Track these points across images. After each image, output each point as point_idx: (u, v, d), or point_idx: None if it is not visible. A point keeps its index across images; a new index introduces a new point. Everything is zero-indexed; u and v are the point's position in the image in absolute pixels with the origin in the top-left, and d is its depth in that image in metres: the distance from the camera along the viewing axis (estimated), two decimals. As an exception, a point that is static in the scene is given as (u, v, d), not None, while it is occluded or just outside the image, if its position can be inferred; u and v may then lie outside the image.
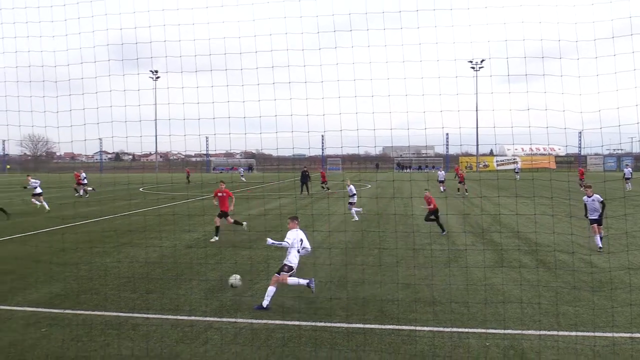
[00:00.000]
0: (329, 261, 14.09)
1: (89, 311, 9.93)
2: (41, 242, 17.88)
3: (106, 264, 14.05)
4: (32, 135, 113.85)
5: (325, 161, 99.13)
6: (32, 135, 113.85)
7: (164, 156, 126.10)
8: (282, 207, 29.26)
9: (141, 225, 20.73)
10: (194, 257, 14.88)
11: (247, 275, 12.61)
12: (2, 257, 15.19)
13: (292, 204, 30.67)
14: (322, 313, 9.69)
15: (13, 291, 11.41)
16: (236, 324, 9.16)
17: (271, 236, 11.44)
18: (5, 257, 15.21)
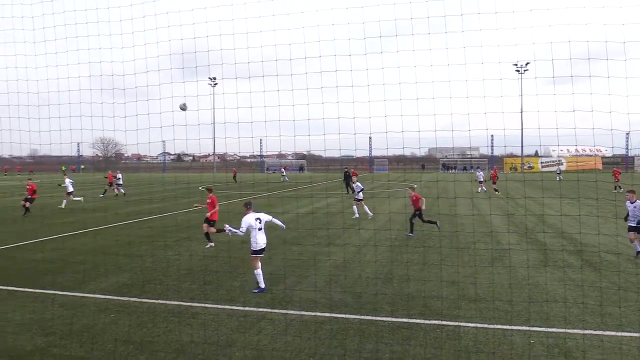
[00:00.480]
0: (375, 258, 14.03)
1: (152, 300, 10.26)
2: (110, 235, 18.60)
3: (168, 257, 14.47)
4: (103, 138, 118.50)
5: (373, 162, 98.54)
6: (103, 138, 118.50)
7: (221, 157, 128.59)
8: (330, 206, 29.33)
9: (199, 222, 21.22)
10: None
11: (297, 270, 12.72)
12: (77, 249, 15.90)
13: (339, 202, 30.67)
14: (369, 307, 9.66)
15: (86, 280, 11.92)
16: (287, 315, 9.25)
17: (318, 234, 11.48)
18: (79, 249, 15.92)
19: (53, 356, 7.52)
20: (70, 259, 14.29)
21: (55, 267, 13.33)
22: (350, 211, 24.58)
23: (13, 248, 16.23)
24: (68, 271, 12.85)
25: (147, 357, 7.44)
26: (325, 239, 17.20)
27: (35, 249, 15.92)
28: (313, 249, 15.30)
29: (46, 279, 12.07)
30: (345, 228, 19.34)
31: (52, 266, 13.41)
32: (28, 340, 8.14)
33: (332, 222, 21.41)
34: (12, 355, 7.54)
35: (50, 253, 15.21)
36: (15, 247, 16.34)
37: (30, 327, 8.74)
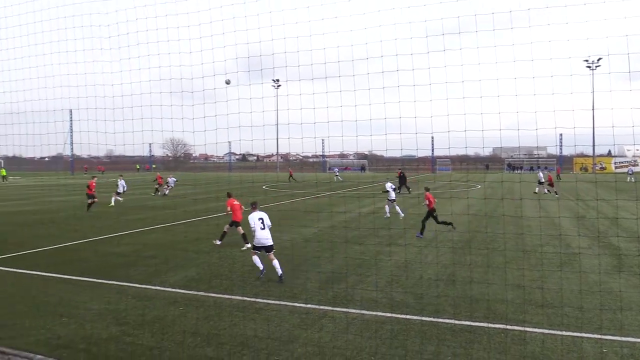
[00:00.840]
0: (437, 259, 13.77)
1: (219, 294, 10.56)
2: (179, 232, 19.32)
3: (233, 254, 14.84)
4: (173, 139, 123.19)
5: (435, 162, 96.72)
6: (173, 139, 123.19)
7: (284, 157, 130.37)
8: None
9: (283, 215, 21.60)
10: (310, 250, 15.25)
11: (358, 269, 12.69)
12: (149, 244, 16.62)
13: (400, 203, 30.33)
14: (431, 309, 9.49)
15: (156, 274, 12.45)
16: (348, 314, 9.26)
17: (380, 233, 11.40)
18: (151, 244, 16.64)
19: (126, 344, 7.90)
20: (143, 254, 14.97)
21: (129, 260, 14.01)
22: (408, 211, 24.27)
23: (93, 242, 17.21)
24: (140, 265, 13.46)
25: (214, 349, 7.66)
26: (386, 238, 17.06)
27: (112, 243, 16.79)
28: (374, 249, 15.22)
29: (121, 271, 12.71)
30: (407, 228, 19.10)
31: (126, 260, 14.11)
32: (104, 328, 8.60)
33: (394, 222, 21.21)
34: (89, 342, 7.99)
35: (124, 247, 15.99)
36: (95, 241, 17.31)
37: (106, 316, 9.22)
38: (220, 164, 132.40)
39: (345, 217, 22.94)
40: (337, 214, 23.92)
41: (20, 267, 13.32)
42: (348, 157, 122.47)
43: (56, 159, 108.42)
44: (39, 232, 19.63)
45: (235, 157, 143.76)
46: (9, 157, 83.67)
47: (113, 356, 7.47)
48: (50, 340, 8.09)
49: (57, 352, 7.55)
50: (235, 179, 63.37)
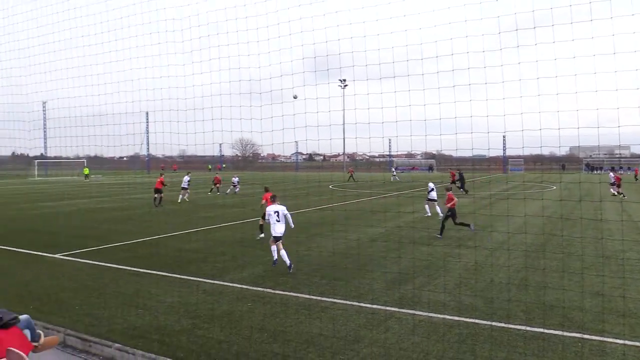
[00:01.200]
0: (509, 263, 13.28)
1: (285, 292, 10.72)
2: (248, 229, 19.79)
3: (300, 252, 15.01)
4: (242, 139, 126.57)
5: (507, 162, 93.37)
6: (242, 139, 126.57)
7: (351, 157, 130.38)
8: (460, 206, 28.32)
9: (330, 219, 21.74)
10: (377, 250, 15.16)
11: (425, 271, 12.48)
12: (218, 241, 17.16)
13: (470, 204, 29.50)
14: (501, 314, 9.17)
15: (226, 270, 12.82)
16: (415, 316, 9.12)
17: (448, 235, 11.13)
18: (220, 241, 17.16)
19: (197, 337, 8.19)
20: (213, 250, 15.47)
21: (200, 256, 14.53)
22: (479, 212, 23.58)
23: (166, 238, 17.99)
24: (210, 261, 13.92)
25: (280, 346, 7.79)
26: (455, 240, 16.66)
27: (184, 240, 17.47)
28: (442, 250, 14.91)
29: (192, 267, 13.20)
30: (477, 230, 18.56)
31: (197, 256, 14.64)
32: (176, 320, 8.96)
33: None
34: (163, 333, 8.35)
35: (195, 244, 16.60)
36: (168, 237, 18.09)
37: (178, 309, 9.61)
38: (287, 164, 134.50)
39: (412, 217, 22.63)
40: (404, 214, 23.63)
41: (98, 260, 14.16)
42: (415, 156, 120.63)
43: (133, 158, 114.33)
44: (116, 227, 20.77)
45: (302, 157, 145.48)
46: (91, 157, 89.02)
47: (185, 348, 7.77)
48: (127, 330, 8.53)
49: (133, 342, 7.95)
50: (301, 178, 64.15)
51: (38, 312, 9.32)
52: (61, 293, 10.83)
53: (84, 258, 14.50)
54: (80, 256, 14.80)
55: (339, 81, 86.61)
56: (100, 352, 7.68)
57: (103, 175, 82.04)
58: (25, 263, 14.01)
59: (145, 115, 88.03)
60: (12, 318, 5.95)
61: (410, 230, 18.77)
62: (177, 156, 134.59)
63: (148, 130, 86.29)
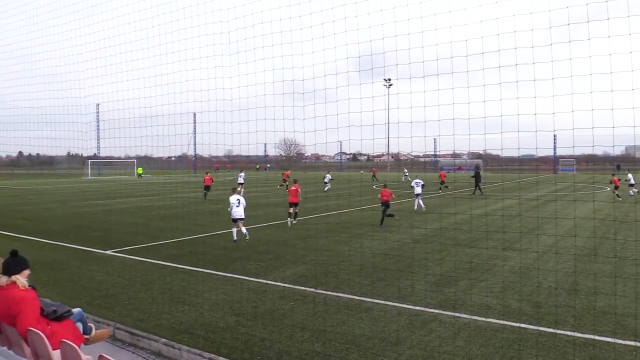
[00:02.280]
0: (557, 266, 12.85)
1: (327, 291, 10.73)
2: (291, 229, 19.94)
3: (342, 252, 15.01)
4: (286, 139, 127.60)
5: (557, 162, 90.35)
6: (286, 139, 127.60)
7: (395, 156, 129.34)
8: (507, 208, 27.61)
9: (373, 219, 21.62)
10: (419, 252, 14.98)
11: (470, 273, 12.23)
12: (263, 240, 17.36)
13: (516, 205, 28.71)
14: (550, 319, 8.87)
15: (270, 269, 12.96)
16: (459, 319, 8.95)
17: (494, 237, 10.84)
18: (264, 240, 17.36)
19: (241, 334, 8.31)
20: (257, 249, 15.66)
21: (245, 255, 14.73)
22: (528, 214, 22.92)
23: (212, 236, 18.35)
24: (254, 259, 14.10)
25: (322, 345, 7.80)
26: (500, 242, 16.26)
27: (229, 238, 17.76)
28: (488, 253, 14.57)
29: (237, 265, 13.41)
30: (524, 233, 18.05)
31: (242, 254, 14.85)
32: (221, 317, 9.12)
33: (509, 225, 20.15)
34: (208, 330, 8.52)
35: (240, 242, 16.85)
36: (214, 235, 18.45)
37: (223, 306, 9.77)
38: (331, 164, 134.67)
39: (455, 218, 22.23)
40: (447, 215, 23.24)
41: (147, 256, 14.58)
42: (461, 156, 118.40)
43: (181, 158, 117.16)
44: (165, 225, 21.34)
45: (345, 157, 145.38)
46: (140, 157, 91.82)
47: (229, 344, 7.90)
48: (173, 325, 8.75)
49: (179, 337, 8.14)
50: (343, 178, 63.92)
51: (90, 306, 9.69)
52: (111, 288, 11.22)
53: (134, 255, 14.97)
54: (130, 253, 15.29)
55: (384, 80, 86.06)
56: (148, 346, 7.91)
57: (152, 175, 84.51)
58: (80, 258, 14.59)
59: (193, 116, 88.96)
60: (66, 311, 6.21)
61: (453, 231, 18.45)
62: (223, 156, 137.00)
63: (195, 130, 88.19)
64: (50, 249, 16.12)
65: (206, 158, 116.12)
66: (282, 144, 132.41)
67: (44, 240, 17.81)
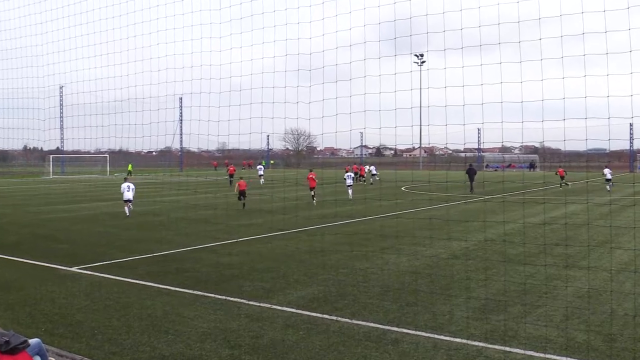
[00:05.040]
0: (637, 289, 12.68)
1: (346, 319, 10.70)
2: (301, 240, 19.94)
3: (366, 269, 14.96)
4: (294, 129, 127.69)
5: (634, 157, 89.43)
6: (294, 129, 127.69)
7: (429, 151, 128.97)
8: (571, 215, 27.35)
9: (401, 229, 21.54)
10: (461, 270, 14.88)
11: (523, 297, 12.12)
12: (265, 254, 17.37)
13: (582, 211, 28.44)
14: (627, 356, 8.76)
15: (273, 290, 12.96)
16: (510, 354, 8.87)
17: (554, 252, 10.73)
18: (267, 254, 17.37)
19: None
20: (258, 265, 15.68)
21: (242, 272, 14.76)
22: (598, 223, 22.69)
23: (203, 249, 18.42)
24: (255, 278, 14.11)
25: (338, 386, 7.77)
26: (563, 258, 16.11)
27: (223, 252, 17.80)
28: (546, 271, 14.45)
29: (232, 285, 13.43)
30: (592, 247, 17.87)
31: (238, 271, 14.88)
32: (213, 350, 9.13)
33: (574, 237, 19.96)
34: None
35: (236, 257, 16.88)
36: (204, 248, 18.52)
37: (216, 336, 9.78)
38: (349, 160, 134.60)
39: (505, 228, 22.08)
40: (494, 224, 23.07)
41: (122, 274, 14.66)
42: (512, 151, 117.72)
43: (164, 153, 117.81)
44: (144, 236, 21.46)
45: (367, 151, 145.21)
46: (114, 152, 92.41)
47: (222, 384, 7.90)
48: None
49: (161, 375, 8.16)
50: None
51: (50, 336, 9.75)
52: (77, 314, 11.29)
53: (106, 272, 15.07)
54: (101, 270, 15.40)
55: (415, 57, 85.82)
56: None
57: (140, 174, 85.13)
58: (39, 277, 14.71)
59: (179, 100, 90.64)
60: (21, 342, 6.25)
61: (502, 244, 18.31)
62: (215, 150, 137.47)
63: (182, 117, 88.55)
64: (2, 265, 16.29)
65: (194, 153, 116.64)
66: (289, 134, 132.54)
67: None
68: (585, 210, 28.92)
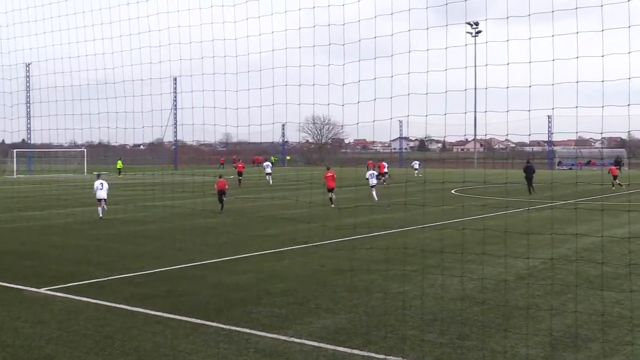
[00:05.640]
0: None
1: (381, 354, 10.68)
2: (325, 257, 19.88)
3: (406, 293, 14.88)
4: (315, 117, 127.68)
5: None
6: (315, 117, 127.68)
7: (486, 144, 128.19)
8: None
9: (455, 243, 21.41)
10: (525, 295, 14.75)
11: (608, 331, 11.98)
12: (279, 273, 17.38)
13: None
14: None
15: (290, 318, 12.97)
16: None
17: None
18: (282, 273, 17.37)
19: (246, 421, 8.34)
20: (270, 287, 15.70)
21: (250, 296, 14.79)
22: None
23: (203, 266, 18.51)
24: (266, 304, 14.13)
25: None
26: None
27: (227, 270, 17.88)
28: (635, 298, 14.29)
29: (238, 311, 13.47)
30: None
31: (246, 295, 14.91)
32: (215, 394, 9.17)
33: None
34: (195, 413, 8.57)
35: (244, 276, 16.94)
36: (205, 265, 18.60)
37: (219, 376, 9.82)
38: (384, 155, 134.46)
39: (583, 242, 21.88)
40: (566, 237, 22.84)
41: (102, 298, 14.74)
42: (592, 144, 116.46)
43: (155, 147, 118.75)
44: (130, 249, 21.60)
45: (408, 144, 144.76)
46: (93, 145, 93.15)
47: None
48: (143, 404, 8.84)
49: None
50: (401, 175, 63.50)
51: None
52: (47, 346, 11.39)
53: (82, 294, 15.18)
54: (77, 291, 15.52)
55: (469, 26, 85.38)
56: None
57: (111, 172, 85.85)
58: (0, 300, 14.88)
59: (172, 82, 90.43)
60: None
61: (577, 263, 18.14)
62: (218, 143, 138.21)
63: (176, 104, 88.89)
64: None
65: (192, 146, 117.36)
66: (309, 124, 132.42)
67: (-51, 271, 18.26)
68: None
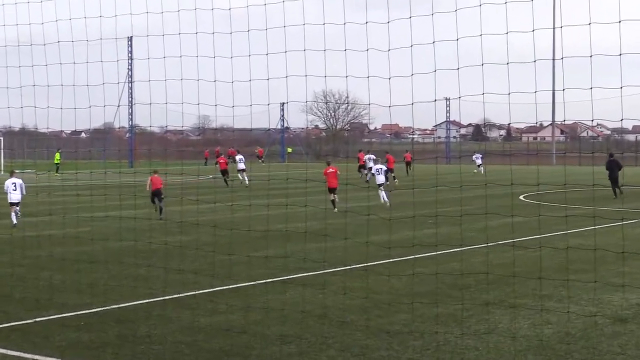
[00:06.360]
0: None
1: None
2: (342, 287, 19.75)
3: (458, 341, 14.81)
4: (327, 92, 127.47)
5: None
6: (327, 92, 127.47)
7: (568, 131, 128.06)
8: None
9: (526, 269, 21.36)
10: (629, 343, 14.72)
11: None
12: (278, 312, 17.28)
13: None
14: None
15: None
16: None
17: None
18: (282, 312, 17.26)
19: None
20: (266, 330, 15.66)
21: (237, 344, 14.76)
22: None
23: (169, 301, 18.45)
24: (260, 355, 14.09)
25: None
26: None
27: (204, 307, 17.81)
28: None
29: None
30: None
31: (230, 343, 14.88)
32: None
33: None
34: None
35: (229, 316, 16.88)
36: (172, 301, 18.54)
37: None
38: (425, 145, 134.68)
39: None
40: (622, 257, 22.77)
41: (26, 347, 14.68)
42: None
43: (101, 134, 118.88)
44: (68, 279, 21.53)
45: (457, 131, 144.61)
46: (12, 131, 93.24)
47: None
48: None
49: None
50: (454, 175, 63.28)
51: None
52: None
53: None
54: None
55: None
56: None
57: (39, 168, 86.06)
58: None
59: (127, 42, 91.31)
60: None
61: None
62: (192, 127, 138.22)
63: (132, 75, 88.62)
64: None
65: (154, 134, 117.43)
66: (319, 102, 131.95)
67: None
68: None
